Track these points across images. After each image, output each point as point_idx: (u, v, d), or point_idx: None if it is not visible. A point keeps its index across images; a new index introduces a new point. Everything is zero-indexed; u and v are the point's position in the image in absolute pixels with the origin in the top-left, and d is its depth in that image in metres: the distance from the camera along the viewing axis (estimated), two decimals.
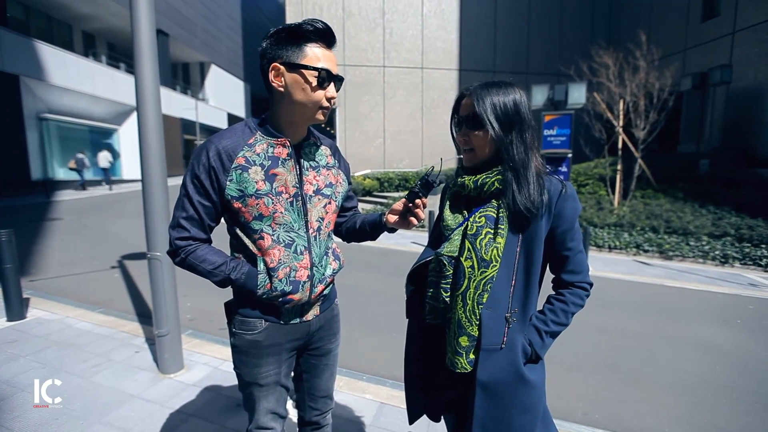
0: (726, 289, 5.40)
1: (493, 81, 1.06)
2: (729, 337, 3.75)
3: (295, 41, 1.01)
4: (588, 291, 1.10)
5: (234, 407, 2.22)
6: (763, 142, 10.37)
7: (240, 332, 1.15)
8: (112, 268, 5.06)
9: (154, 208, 2.40)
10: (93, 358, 2.71)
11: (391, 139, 16.11)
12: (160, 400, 2.26)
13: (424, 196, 1.12)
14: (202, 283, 5.18)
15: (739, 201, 8.39)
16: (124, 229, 7.79)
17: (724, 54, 11.40)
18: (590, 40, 14.52)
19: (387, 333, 3.50)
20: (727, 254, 6.75)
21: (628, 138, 9.31)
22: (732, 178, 9.55)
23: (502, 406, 1.03)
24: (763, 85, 10.36)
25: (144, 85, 2.31)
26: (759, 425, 2.43)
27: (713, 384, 2.90)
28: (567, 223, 1.04)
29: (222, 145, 1.05)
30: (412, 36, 15.89)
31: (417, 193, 1.10)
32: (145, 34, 2.28)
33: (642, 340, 3.60)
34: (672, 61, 12.01)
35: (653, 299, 4.86)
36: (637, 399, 2.68)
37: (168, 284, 2.48)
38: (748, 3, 10.74)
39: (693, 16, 12.62)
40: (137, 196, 12.99)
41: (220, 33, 25.86)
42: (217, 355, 2.82)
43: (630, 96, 9.07)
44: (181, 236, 1.08)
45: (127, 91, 16.94)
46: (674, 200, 8.94)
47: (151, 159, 2.36)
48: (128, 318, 3.46)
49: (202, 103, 22.76)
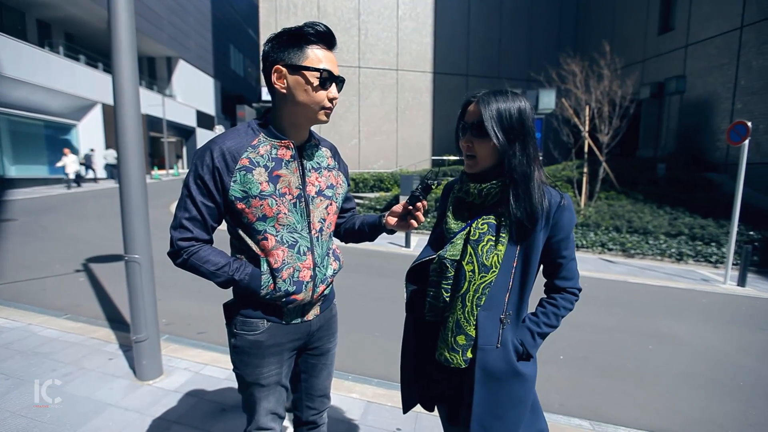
0: (682, 284, 5.81)
1: (500, 89, 1.07)
2: (686, 329, 4.04)
3: (296, 43, 1.03)
4: (578, 296, 1.17)
5: (218, 412, 2.18)
6: (713, 148, 11.19)
7: (242, 333, 1.15)
8: (77, 272, 4.79)
9: (132, 208, 2.32)
10: (62, 367, 2.57)
11: (365, 139, 16.14)
12: (139, 408, 2.18)
13: (424, 199, 1.15)
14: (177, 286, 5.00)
15: (692, 202, 9.02)
16: (86, 230, 7.38)
17: (679, 65, 12.21)
18: (558, 48, 15.17)
19: (370, 333, 3.53)
20: (682, 252, 7.26)
21: (593, 142, 9.80)
22: (686, 182, 10.25)
23: (498, 401, 1.09)
24: (711, 96, 11.18)
25: (122, 80, 2.22)
26: (715, 408, 2.65)
27: (674, 372, 3.12)
28: (563, 232, 1.09)
29: (226, 146, 1.05)
30: (387, 38, 16.00)
31: (418, 196, 1.14)
32: (123, 27, 2.20)
33: (610, 334, 3.82)
34: (632, 70, 12.74)
35: (618, 295, 5.16)
36: (609, 389, 2.84)
37: (147, 287, 2.39)
38: (698, 19, 11.57)
39: (651, 28, 13.44)
40: (97, 196, 12.39)
41: (188, 27, 24.93)
42: (198, 359, 2.75)
43: (595, 102, 9.56)
44: (184, 237, 1.07)
45: (87, 85, 16.04)
46: (635, 201, 9.49)
47: (130, 158, 2.28)
48: (99, 324, 3.30)
49: (169, 99, 21.84)
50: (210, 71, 28.31)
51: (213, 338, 3.20)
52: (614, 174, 10.28)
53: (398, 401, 2.35)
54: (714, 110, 11.12)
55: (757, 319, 4.49)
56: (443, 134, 16.91)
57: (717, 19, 10.94)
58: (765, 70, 9.70)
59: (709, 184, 10.17)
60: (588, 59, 10.17)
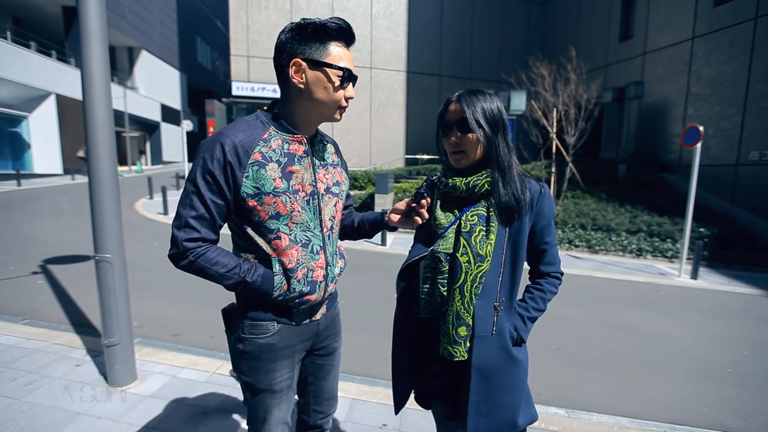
0: (641, 278, 6.19)
1: (477, 89, 1.15)
2: (647, 320, 4.32)
3: (318, 38, 0.99)
4: (560, 280, 1.24)
5: (200, 416, 2.11)
6: (667, 150, 11.96)
7: (251, 337, 1.10)
8: (34, 274, 4.47)
9: (103, 205, 2.20)
10: (24, 376, 2.41)
11: (339, 137, 16.02)
12: (113, 416, 2.08)
13: (429, 196, 1.17)
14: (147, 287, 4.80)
15: (650, 201, 9.60)
16: (42, 230, 6.90)
17: (638, 72, 12.94)
18: (527, 51, 15.69)
19: (350, 330, 3.52)
20: (642, 248, 7.72)
21: (561, 143, 10.22)
22: (644, 181, 10.89)
23: (494, 388, 1.12)
24: (666, 102, 11.93)
25: (92, 69, 2.10)
26: (678, 393, 2.85)
27: (638, 360, 3.33)
28: (545, 219, 1.16)
29: (238, 139, 0.99)
30: (361, 35, 15.94)
31: (423, 194, 1.16)
32: (93, 13, 2.08)
33: (579, 326, 4.01)
34: (596, 75, 13.39)
35: (585, 289, 5.42)
36: (580, 378, 2.99)
37: (119, 288, 2.28)
38: (655, 28, 12.30)
39: (612, 35, 14.16)
40: (51, 193, 11.61)
41: (152, 17, 23.76)
42: (174, 362, 2.65)
43: (562, 105, 9.97)
44: (191, 237, 0.99)
45: (39, 75, 14.96)
46: (599, 200, 9.98)
47: (101, 153, 2.16)
48: (62, 329, 3.10)
49: (131, 91, 20.77)
50: (175, 63, 27.14)
51: (189, 340, 3.09)
52: (580, 174, 10.76)
53: (383, 397, 2.39)
54: (669, 115, 11.87)
55: (708, 310, 4.85)
56: (416, 133, 17.08)
57: (671, 30, 11.69)
58: (712, 79, 10.46)
59: (664, 184, 10.86)
60: (556, 63, 10.59)
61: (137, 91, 22.47)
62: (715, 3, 10.37)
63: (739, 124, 9.75)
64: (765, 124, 9.18)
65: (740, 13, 9.72)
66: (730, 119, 9.98)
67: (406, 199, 1.22)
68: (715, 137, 10.23)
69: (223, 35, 33.63)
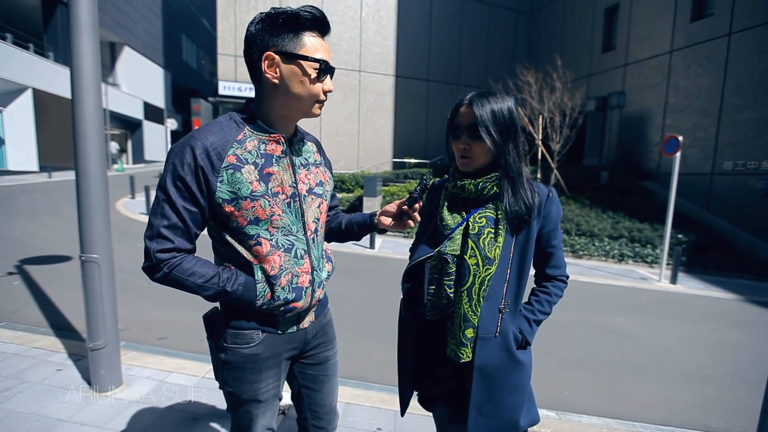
0: (624, 282, 6.35)
1: (489, 91, 1.13)
2: (630, 323, 4.43)
3: (291, 29, 0.93)
4: (566, 283, 1.26)
5: (189, 421, 2.06)
6: (647, 158, 12.35)
7: (234, 347, 1.04)
8: (10, 275, 4.29)
9: (91, 204, 2.13)
10: (1, 381, 2.30)
11: (327, 139, 15.95)
12: (98, 423, 2.00)
13: (421, 199, 1.18)
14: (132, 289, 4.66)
15: (631, 208, 9.88)
16: (18, 229, 6.62)
17: (619, 82, 13.35)
18: (514, 58, 15.99)
19: (342, 334, 3.48)
20: (623, 253, 7.93)
21: (546, 150, 10.44)
22: (626, 188, 11.22)
23: (496, 388, 1.13)
24: (646, 112, 12.34)
25: (81, 63, 2.03)
26: (661, 394, 2.93)
27: (623, 363, 3.41)
28: (552, 223, 1.17)
29: (209, 141, 0.93)
30: (351, 38, 15.96)
31: (416, 197, 1.15)
32: (84, 5, 2.02)
33: (567, 329, 4.09)
34: (581, 84, 13.74)
35: (571, 293, 5.49)
36: (569, 379, 3.05)
37: (106, 290, 2.20)
38: (636, 41, 12.72)
39: (595, 46, 14.57)
40: (27, 191, 11.16)
41: (135, 12, 23.23)
42: (161, 367, 2.57)
43: (548, 113, 10.20)
44: (164, 248, 0.93)
45: (15, 68, 14.39)
46: (582, 206, 10.22)
47: (90, 150, 2.09)
48: (41, 332, 2.97)
49: (113, 88, 20.21)
50: (160, 61, 26.57)
51: (176, 344, 3.01)
52: (564, 180, 11.00)
53: (376, 401, 2.38)
54: (648, 125, 12.27)
55: (688, 314, 5.02)
56: (405, 137, 17.15)
57: (651, 43, 12.11)
58: (689, 91, 10.88)
59: (644, 191, 11.21)
60: (542, 71, 10.83)
61: (119, 87, 21.90)
62: (692, 18, 10.80)
63: (714, 135, 10.15)
64: (738, 136, 9.58)
65: (715, 28, 10.15)
66: (706, 130, 10.38)
67: (396, 201, 1.20)
68: (692, 147, 10.63)
69: (209, 34, 33.13)
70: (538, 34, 18.16)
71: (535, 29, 18.36)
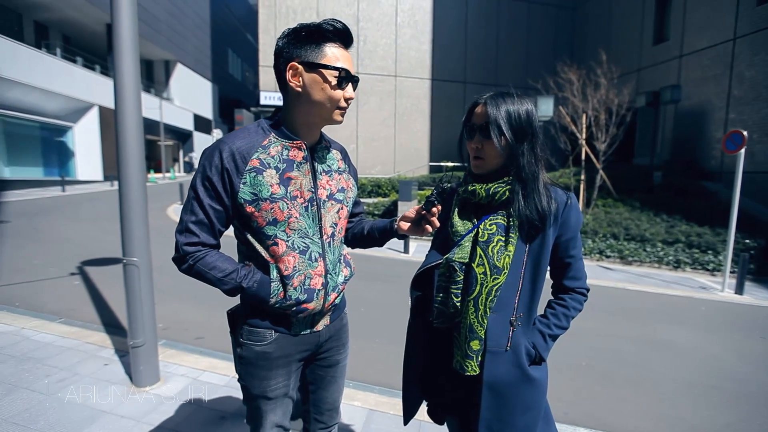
0: (680, 291, 5.83)
1: (507, 91, 1.08)
2: (686, 337, 4.04)
3: (313, 40, 0.99)
4: (586, 296, 1.16)
5: (217, 420, 2.13)
6: (707, 156, 11.31)
7: (248, 343, 1.10)
8: (72, 275, 4.71)
9: (131, 210, 2.28)
10: (57, 373, 2.51)
11: (363, 145, 16.15)
12: (135, 416, 2.13)
13: (439, 204, 1.13)
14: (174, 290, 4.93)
15: (688, 210, 9.08)
16: (81, 233, 7.29)
17: (674, 75, 12.37)
18: (555, 56, 15.34)
19: (371, 339, 3.48)
20: (680, 259, 7.29)
21: (590, 150, 9.87)
22: (682, 189, 10.33)
23: (507, 406, 1.06)
24: (706, 106, 11.32)
25: (124, 81, 2.20)
26: (720, 418, 2.63)
27: (674, 380, 3.10)
28: (571, 231, 1.08)
29: (236, 146, 1.01)
30: (386, 44, 16.09)
31: (433, 201, 1.12)
32: (126, 28, 2.18)
33: (611, 341, 3.80)
34: (628, 79, 12.89)
35: (617, 302, 5.15)
36: (611, 397, 2.82)
37: (145, 291, 2.34)
38: (693, 30, 11.75)
39: (646, 38, 13.63)
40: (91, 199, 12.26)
41: (186, 31, 24.96)
42: (195, 365, 2.70)
43: (592, 111, 9.64)
44: (190, 241, 1.02)
45: (84, 87, 15.95)
46: (632, 209, 9.54)
47: (130, 160, 2.24)
48: (93, 328, 3.23)
49: (166, 102, 21.79)
50: (208, 75, 28.31)
51: (211, 344, 3.15)
52: (611, 181, 10.34)
53: (401, 409, 2.33)
54: (708, 119, 11.25)
55: (756, 328, 4.50)
56: (441, 140, 16.97)
57: (710, 31, 11.12)
58: (757, 81, 9.85)
59: (704, 192, 10.26)
60: (585, 67, 10.28)
61: (172, 101, 23.56)
62: (758, 2, 9.80)
63: None
64: None
65: None
66: None
67: (415, 207, 1.18)
68: (761, 142, 9.59)
69: (252, 47, 34.85)
70: (581, 29, 17.32)
71: (578, 24, 17.52)
